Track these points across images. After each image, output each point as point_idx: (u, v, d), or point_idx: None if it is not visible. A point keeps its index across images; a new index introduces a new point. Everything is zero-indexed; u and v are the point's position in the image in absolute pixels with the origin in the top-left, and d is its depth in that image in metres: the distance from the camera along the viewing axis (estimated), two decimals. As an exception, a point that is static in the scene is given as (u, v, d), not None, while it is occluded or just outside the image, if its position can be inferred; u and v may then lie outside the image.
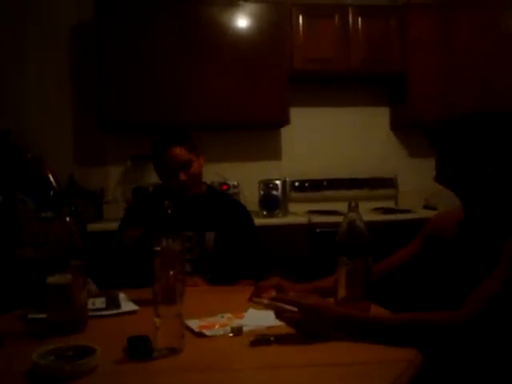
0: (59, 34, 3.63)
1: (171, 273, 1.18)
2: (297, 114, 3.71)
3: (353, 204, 1.38)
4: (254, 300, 1.56)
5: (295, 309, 1.25)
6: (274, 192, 3.46)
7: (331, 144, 3.94)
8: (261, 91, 3.49)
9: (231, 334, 1.28)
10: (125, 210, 2.50)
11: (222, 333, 1.30)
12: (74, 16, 3.63)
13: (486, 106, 3.51)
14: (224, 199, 2.31)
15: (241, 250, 2.13)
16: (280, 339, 1.24)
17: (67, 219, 1.38)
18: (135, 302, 1.57)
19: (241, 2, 3.47)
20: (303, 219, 3.37)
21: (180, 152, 2.10)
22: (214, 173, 3.60)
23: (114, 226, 2.32)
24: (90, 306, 1.46)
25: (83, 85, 3.65)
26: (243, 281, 2.03)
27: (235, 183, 3.52)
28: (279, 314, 1.27)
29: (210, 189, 2.30)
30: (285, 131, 3.86)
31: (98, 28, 3.35)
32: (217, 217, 2.14)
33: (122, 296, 1.64)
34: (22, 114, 3.53)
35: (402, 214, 3.47)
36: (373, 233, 1.37)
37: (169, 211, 1.54)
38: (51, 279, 1.33)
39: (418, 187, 3.85)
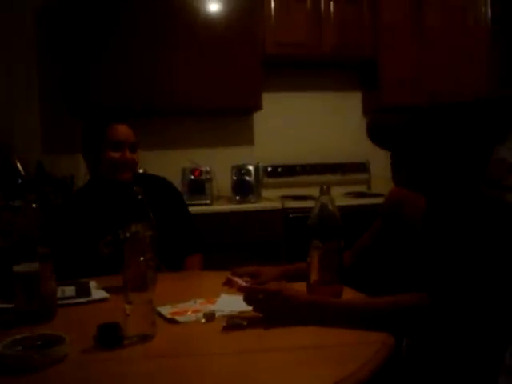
0: (24, 18, 3.51)
1: (141, 259, 1.16)
2: (269, 99, 3.69)
3: (324, 188, 1.38)
4: (230, 277, 1.56)
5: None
6: (247, 177, 3.44)
7: (304, 129, 3.94)
8: (233, 76, 3.45)
9: (203, 320, 1.27)
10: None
11: (194, 319, 1.29)
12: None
13: (456, 92, 3.56)
14: (151, 181, 2.17)
15: (181, 230, 2.10)
16: (253, 324, 1.23)
17: (34, 206, 1.35)
18: (106, 289, 1.54)
19: (212, -14, 3.41)
20: (276, 204, 3.36)
21: (129, 132, 2.00)
22: (186, 158, 3.57)
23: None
24: (59, 295, 1.44)
25: (51, 70, 3.55)
26: (189, 257, 2.08)
27: (208, 169, 3.48)
28: (247, 298, 1.26)
29: (134, 175, 2.08)
30: (257, 116, 3.84)
31: (65, 11, 3.25)
32: (151, 203, 2.06)
33: (92, 284, 1.62)
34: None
35: (374, 198, 3.49)
36: (345, 217, 1.37)
37: (139, 197, 1.53)
38: (18, 268, 1.30)
39: (390, 171, 3.89)
